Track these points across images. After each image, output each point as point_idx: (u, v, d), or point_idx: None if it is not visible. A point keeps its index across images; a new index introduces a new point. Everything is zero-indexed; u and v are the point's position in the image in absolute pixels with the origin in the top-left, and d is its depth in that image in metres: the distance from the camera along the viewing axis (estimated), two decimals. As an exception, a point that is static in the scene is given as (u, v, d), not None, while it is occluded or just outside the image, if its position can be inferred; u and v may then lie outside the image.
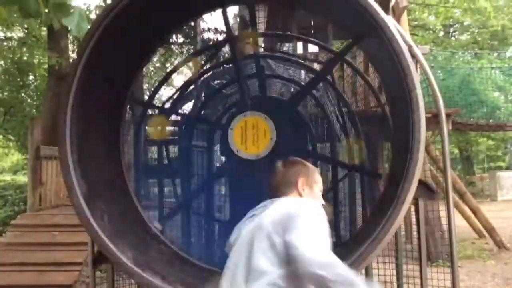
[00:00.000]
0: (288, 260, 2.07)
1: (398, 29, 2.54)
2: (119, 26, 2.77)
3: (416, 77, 2.45)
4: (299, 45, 7.15)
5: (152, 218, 3.50)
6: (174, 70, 4.33)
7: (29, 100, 16.75)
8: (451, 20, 21.89)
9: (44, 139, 9.23)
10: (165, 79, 4.30)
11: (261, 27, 5.51)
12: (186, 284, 2.66)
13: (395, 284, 3.93)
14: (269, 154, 3.48)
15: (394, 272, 3.91)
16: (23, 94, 16.49)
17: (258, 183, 3.34)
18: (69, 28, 2.59)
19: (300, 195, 2.32)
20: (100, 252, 2.74)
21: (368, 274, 3.91)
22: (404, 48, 2.45)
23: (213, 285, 2.42)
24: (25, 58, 13.57)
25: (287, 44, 6.98)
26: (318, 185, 2.38)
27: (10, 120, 15.74)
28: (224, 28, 3.97)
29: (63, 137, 2.68)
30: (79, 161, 2.73)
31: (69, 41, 12.35)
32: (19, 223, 7.48)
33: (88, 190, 2.70)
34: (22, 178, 17.29)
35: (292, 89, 4.97)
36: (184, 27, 9.12)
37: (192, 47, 8.92)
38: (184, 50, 10.24)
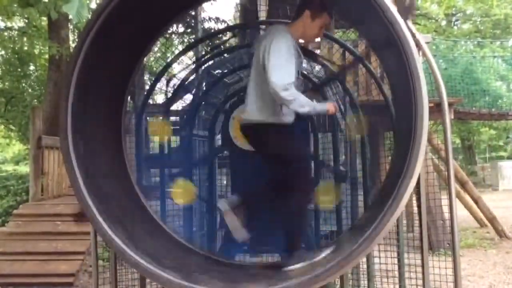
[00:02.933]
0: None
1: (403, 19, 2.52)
2: (119, 15, 2.75)
3: (420, 65, 2.43)
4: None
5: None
6: (174, 59, 4.30)
7: (30, 90, 16.75)
8: (453, 9, 21.77)
9: (46, 129, 9.23)
10: (166, 69, 4.27)
11: (263, 15, 5.47)
12: (184, 273, 2.66)
13: (396, 272, 3.93)
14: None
15: (396, 260, 3.91)
16: (24, 84, 16.49)
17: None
18: (69, 16, 2.57)
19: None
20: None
21: (369, 262, 3.92)
22: (409, 36, 2.42)
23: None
24: (25, 48, 13.52)
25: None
26: None
27: (11, 110, 15.74)
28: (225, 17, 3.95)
29: (65, 130, 2.67)
30: (81, 152, 2.73)
31: (69, 31, 12.30)
32: (21, 213, 7.50)
33: (88, 176, 2.70)
34: (24, 168, 17.34)
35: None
36: (185, 16, 9.08)
37: (193, 36, 8.89)
38: (185, 39, 10.21)
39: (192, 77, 4.30)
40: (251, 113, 3.04)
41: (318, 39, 6.90)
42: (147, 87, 4.81)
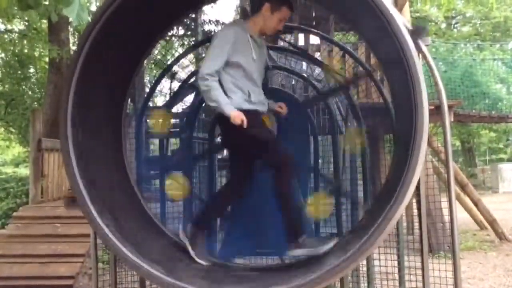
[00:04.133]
0: None
1: (402, 20, 2.52)
2: (119, 18, 2.76)
3: (420, 68, 2.44)
4: (301, 36, 7.10)
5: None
6: (174, 62, 4.30)
7: (30, 93, 16.74)
8: (453, 11, 21.79)
9: (46, 132, 9.24)
10: (166, 72, 4.28)
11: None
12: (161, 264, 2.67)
13: (396, 275, 3.93)
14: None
15: (396, 263, 3.91)
16: (24, 87, 16.48)
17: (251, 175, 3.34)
18: (70, 19, 2.58)
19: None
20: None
21: (369, 265, 3.92)
22: (409, 39, 2.43)
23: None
24: (25, 50, 13.53)
25: (288, 35, 6.94)
26: None
27: (11, 112, 15.73)
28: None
29: (65, 133, 2.67)
30: (81, 155, 2.73)
31: (69, 34, 12.32)
32: (21, 215, 7.50)
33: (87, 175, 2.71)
34: (24, 171, 17.29)
35: (293, 81, 4.95)
36: (185, 19, 9.09)
37: (193, 39, 8.89)
38: (185, 42, 10.22)
39: (192, 80, 4.29)
40: None
41: (318, 41, 6.93)
42: (147, 90, 4.81)
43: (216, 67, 2.98)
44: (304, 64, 5.12)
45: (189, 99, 4.81)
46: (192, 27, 9.56)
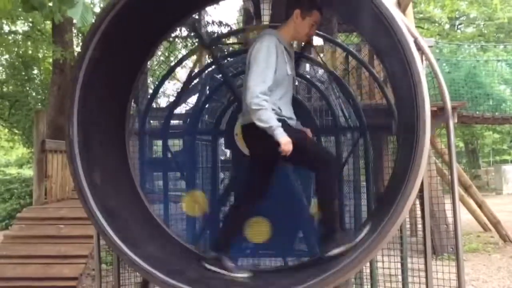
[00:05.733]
0: None
1: (404, 22, 2.52)
2: (123, 20, 2.76)
3: (422, 70, 2.43)
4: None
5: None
6: (178, 63, 4.31)
7: (34, 94, 16.81)
8: (457, 12, 21.73)
9: (49, 133, 9.27)
10: (169, 73, 4.29)
11: (266, 19, 5.48)
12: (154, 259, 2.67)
13: (399, 277, 3.93)
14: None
15: (399, 265, 3.90)
16: (28, 88, 16.54)
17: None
18: (74, 20, 2.59)
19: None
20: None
21: (372, 266, 3.91)
22: (410, 41, 2.43)
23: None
24: (29, 52, 13.59)
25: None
26: None
27: (15, 113, 15.79)
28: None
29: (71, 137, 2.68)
30: (86, 157, 2.74)
31: (73, 35, 12.36)
32: (25, 216, 7.52)
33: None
34: (28, 172, 17.37)
35: (296, 83, 4.95)
36: (188, 20, 9.10)
37: (196, 40, 8.89)
38: (189, 44, 10.23)
39: (195, 81, 4.31)
40: (245, 114, 3.01)
41: (321, 42, 6.92)
42: (150, 91, 4.82)
43: (267, 84, 2.84)
44: (307, 65, 5.12)
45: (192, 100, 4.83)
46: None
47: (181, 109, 5.16)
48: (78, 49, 11.55)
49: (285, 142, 2.75)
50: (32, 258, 6.44)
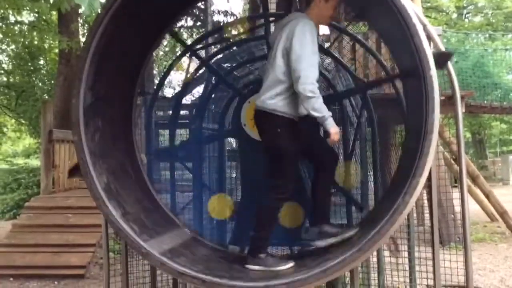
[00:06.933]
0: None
1: (414, 9, 2.49)
2: (129, 9, 2.75)
3: (431, 57, 2.41)
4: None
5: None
6: (183, 54, 4.29)
7: (40, 84, 16.83)
8: (464, 1, 21.51)
9: (56, 123, 9.30)
10: (175, 63, 4.28)
11: (272, 7, 5.44)
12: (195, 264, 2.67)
13: (407, 266, 3.93)
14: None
15: (406, 254, 3.90)
16: (34, 78, 16.57)
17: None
18: (81, 9, 2.58)
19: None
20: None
21: (379, 255, 3.91)
22: (420, 28, 2.40)
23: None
24: (35, 42, 13.58)
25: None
26: None
27: (22, 104, 15.85)
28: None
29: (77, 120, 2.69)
30: (93, 146, 2.74)
31: (79, 25, 12.33)
32: (33, 205, 7.59)
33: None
34: (35, 162, 17.47)
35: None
36: (194, 10, 9.08)
37: (203, 29, 8.87)
38: (194, 33, 10.21)
39: (201, 71, 4.29)
40: (265, 100, 2.92)
41: (327, 32, 6.88)
42: (156, 81, 4.82)
43: (317, 70, 2.78)
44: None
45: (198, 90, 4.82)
46: (202, 18, 9.53)
47: (187, 99, 5.16)
48: (84, 39, 11.52)
49: (336, 132, 2.75)
50: (40, 247, 6.51)
